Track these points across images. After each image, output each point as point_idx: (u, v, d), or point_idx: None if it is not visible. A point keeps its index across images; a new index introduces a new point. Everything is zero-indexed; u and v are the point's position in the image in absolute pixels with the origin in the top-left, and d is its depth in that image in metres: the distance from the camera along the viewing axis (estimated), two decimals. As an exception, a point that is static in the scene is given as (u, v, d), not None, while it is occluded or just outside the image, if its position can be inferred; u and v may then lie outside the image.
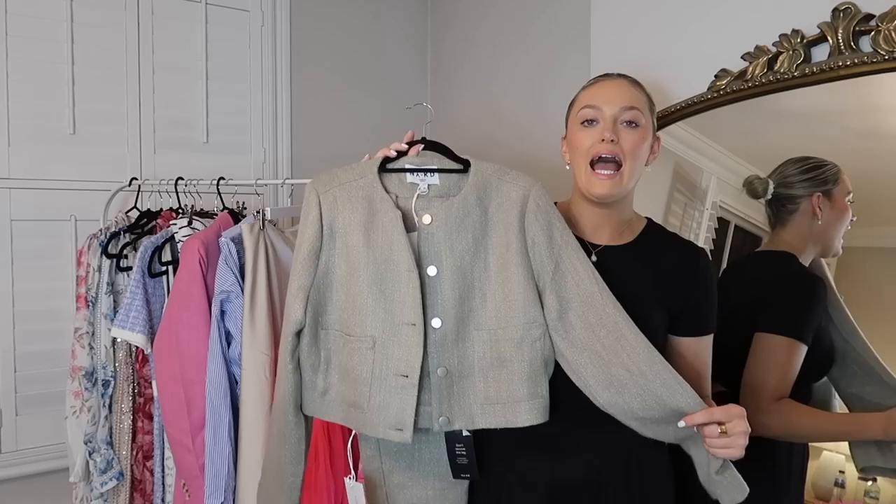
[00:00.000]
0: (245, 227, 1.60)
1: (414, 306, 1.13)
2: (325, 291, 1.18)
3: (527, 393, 1.14)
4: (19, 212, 2.05)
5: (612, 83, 1.22)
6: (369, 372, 1.14)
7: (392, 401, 1.13)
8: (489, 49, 2.49)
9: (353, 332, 1.16)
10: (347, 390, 1.17)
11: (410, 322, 1.13)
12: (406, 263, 1.13)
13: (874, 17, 1.34)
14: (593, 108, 1.19)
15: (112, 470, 1.83)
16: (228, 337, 1.58)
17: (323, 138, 2.56)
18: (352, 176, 1.19)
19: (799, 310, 1.38)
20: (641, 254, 1.25)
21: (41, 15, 2.06)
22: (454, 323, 1.14)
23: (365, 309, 1.15)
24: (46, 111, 2.08)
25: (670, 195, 1.72)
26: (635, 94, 1.21)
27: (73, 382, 1.88)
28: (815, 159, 1.42)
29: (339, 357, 1.18)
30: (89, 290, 1.86)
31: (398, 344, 1.14)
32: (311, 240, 1.17)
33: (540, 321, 1.15)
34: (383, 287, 1.15)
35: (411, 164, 1.19)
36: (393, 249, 1.15)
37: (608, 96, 1.19)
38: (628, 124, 1.18)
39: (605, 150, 1.17)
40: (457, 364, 1.15)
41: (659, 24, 1.77)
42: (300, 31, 2.49)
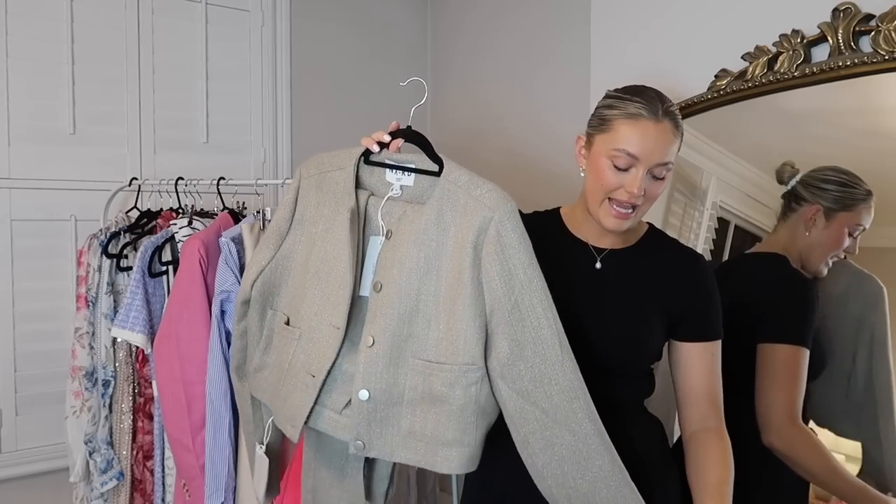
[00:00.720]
0: (245, 227, 1.60)
1: (341, 312, 1.07)
2: (281, 273, 1.19)
3: (451, 438, 1.03)
4: (19, 212, 2.05)
5: (656, 129, 1.12)
6: (287, 362, 1.13)
7: (294, 396, 1.11)
8: (489, 49, 2.49)
9: (292, 322, 1.16)
10: (272, 375, 1.18)
11: (335, 325, 1.08)
12: (345, 269, 1.08)
13: (874, 17, 1.34)
14: (631, 156, 1.13)
15: (112, 470, 1.83)
16: (229, 337, 1.58)
17: (323, 138, 2.55)
18: (334, 165, 1.18)
19: (797, 315, 1.37)
20: (642, 258, 1.26)
21: (41, 15, 2.06)
22: (389, 345, 1.04)
23: (305, 301, 1.14)
24: (46, 111, 2.08)
25: (670, 195, 1.72)
26: (674, 145, 1.15)
27: (73, 382, 1.88)
28: (849, 178, 1.39)
29: (276, 340, 1.18)
30: (89, 289, 1.86)
31: (317, 342, 1.10)
32: (280, 220, 1.18)
33: (479, 364, 1.02)
34: (324, 286, 1.12)
35: (390, 160, 1.15)
36: (340, 251, 1.10)
37: (649, 149, 1.12)
38: (657, 176, 1.16)
39: (628, 200, 1.15)
40: (384, 389, 1.04)
41: (659, 24, 1.77)
42: (300, 31, 2.49)
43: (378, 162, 1.16)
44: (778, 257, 1.45)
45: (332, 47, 2.58)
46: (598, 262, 1.26)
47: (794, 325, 1.36)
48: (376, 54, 2.68)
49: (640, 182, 1.12)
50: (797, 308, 1.38)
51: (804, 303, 1.38)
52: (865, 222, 1.38)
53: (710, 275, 1.26)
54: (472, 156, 2.59)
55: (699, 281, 1.24)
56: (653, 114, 1.13)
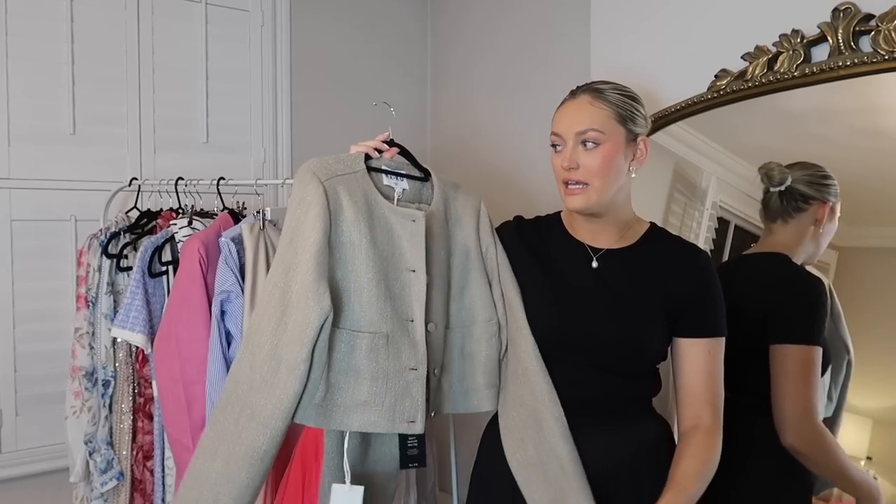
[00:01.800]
0: (245, 227, 1.60)
1: (419, 304, 1.17)
2: (342, 294, 1.15)
3: (484, 383, 1.26)
4: (19, 212, 2.05)
5: (571, 105, 1.23)
6: (384, 367, 1.14)
7: (405, 394, 1.16)
8: (489, 49, 2.49)
9: (364, 329, 1.14)
10: (357, 389, 1.14)
11: (410, 318, 1.17)
12: (412, 263, 1.17)
13: (874, 17, 1.34)
14: (555, 133, 1.23)
15: (112, 470, 1.83)
16: (229, 337, 1.58)
17: (323, 138, 2.56)
18: (344, 167, 1.18)
19: (808, 314, 1.37)
20: (642, 256, 1.26)
21: (41, 15, 2.06)
22: (441, 325, 1.22)
23: (373, 306, 1.14)
24: (46, 111, 2.08)
25: (670, 195, 1.72)
26: (594, 112, 1.20)
27: (73, 382, 1.88)
28: (825, 170, 1.42)
29: (343, 355, 1.14)
30: (89, 290, 1.86)
31: (406, 339, 1.16)
32: (323, 230, 1.10)
33: (495, 319, 1.26)
34: (387, 284, 1.16)
35: (387, 167, 1.23)
36: (395, 248, 1.17)
37: (566, 121, 1.22)
38: (586, 145, 1.20)
39: (567, 177, 1.21)
40: (440, 361, 1.23)
41: (659, 24, 1.77)
42: (300, 31, 2.49)
43: (377, 168, 1.23)
44: (782, 256, 1.44)
45: (331, 47, 2.58)
46: (594, 262, 1.26)
47: (808, 325, 1.36)
48: (376, 54, 2.68)
49: (569, 153, 1.20)
50: (809, 307, 1.37)
51: (816, 301, 1.37)
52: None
53: (711, 270, 1.25)
54: (472, 154, 2.59)
55: (699, 276, 1.23)
56: (571, 95, 1.25)
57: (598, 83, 1.25)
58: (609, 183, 1.21)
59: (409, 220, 1.18)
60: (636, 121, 1.23)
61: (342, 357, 1.14)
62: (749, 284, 1.46)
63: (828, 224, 1.43)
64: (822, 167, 1.43)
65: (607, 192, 1.21)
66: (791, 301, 1.39)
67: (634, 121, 1.23)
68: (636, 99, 1.25)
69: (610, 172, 1.20)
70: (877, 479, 1.38)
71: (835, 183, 1.42)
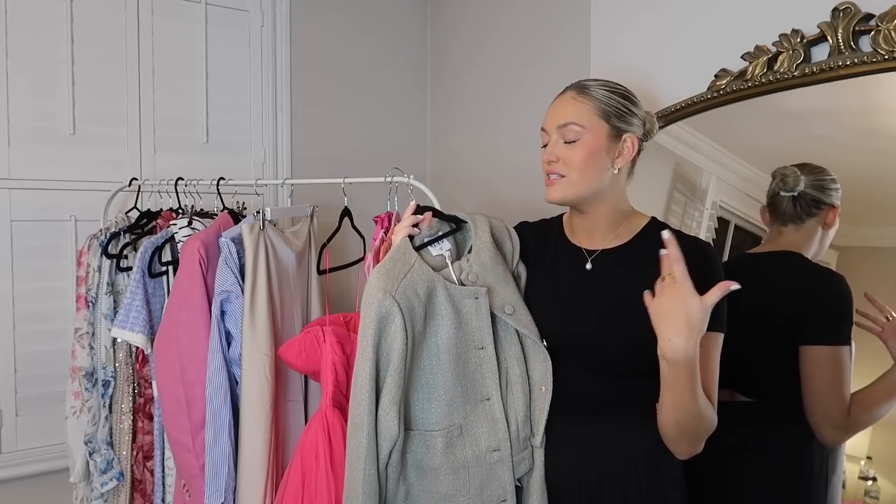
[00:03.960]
0: (245, 228, 1.59)
1: (493, 382, 1.19)
2: (418, 392, 1.16)
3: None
4: (19, 212, 2.05)
5: (558, 101, 1.27)
6: (464, 458, 1.16)
7: (490, 477, 1.18)
8: (489, 47, 2.49)
9: (434, 427, 1.15)
10: (438, 484, 1.16)
11: (487, 397, 1.19)
12: (480, 340, 1.19)
13: (874, 16, 1.33)
14: (542, 130, 1.27)
15: (112, 470, 1.83)
16: (228, 337, 1.58)
17: (323, 138, 2.56)
18: (402, 267, 1.15)
19: (838, 314, 1.37)
20: (639, 253, 1.24)
21: (41, 15, 2.06)
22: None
23: (444, 399, 1.16)
24: (46, 111, 2.08)
25: (670, 195, 1.72)
26: (576, 107, 1.22)
27: (73, 383, 1.88)
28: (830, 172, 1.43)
29: (419, 457, 1.16)
30: (89, 290, 1.86)
31: (484, 421, 1.18)
32: (401, 350, 1.10)
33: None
34: (461, 369, 1.17)
35: (428, 237, 1.22)
36: (464, 328, 1.18)
37: (550, 118, 1.26)
38: (567, 139, 1.22)
39: (547, 170, 1.25)
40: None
41: (659, 24, 1.77)
42: (300, 31, 2.49)
43: (423, 244, 1.22)
44: (798, 256, 1.44)
45: (331, 47, 2.58)
46: (588, 264, 1.26)
47: (839, 325, 1.36)
48: (376, 54, 2.68)
49: (551, 148, 1.24)
50: (839, 307, 1.37)
51: (845, 301, 1.37)
52: None
53: (715, 263, 1.22)
54: (473, 154, 2.58)
55: (705, 269, 1.18)
56: (560, 94, 1.28)
57: (588, 80, 1.27)
58: (588, 177, 1.21)
59: (472, 297, 1.18)
60: (623, 118, 1.23)
61: (419, 457, 1.16)
62: (772, 286, 1.46)
63: (833, 226, 1.45)
64: (827, 170, 1.43)
65: (586, 185, 1.22)
66: (821, 302, 1.40)
67: (621, 117, 1.22)
68: (626, 97, 1.24)
69: (589, 166, 1.21)
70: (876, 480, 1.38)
71: (839, 185, 1.43)
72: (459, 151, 2.66)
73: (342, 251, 1.88)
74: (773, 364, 1.39)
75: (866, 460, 1.40)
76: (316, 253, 1.83)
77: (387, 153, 2.69)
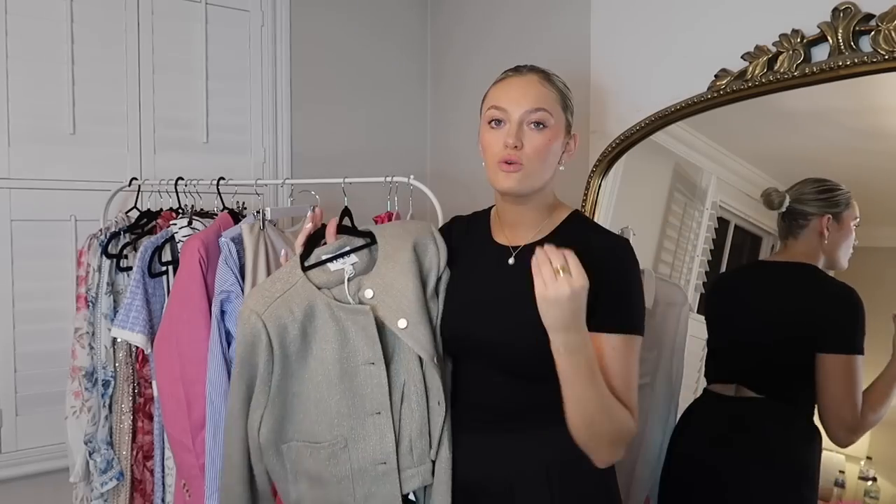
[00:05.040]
0: (245, 227, 1.60)
1: (383, 396, 1.18)
2: (282, 407, 1.21)
3: None
4: (19, 212, 2.05)
5: (520, 81, 1.18)
6: (348, 470, 1.19)
7: (376, 489, 1.19)
8: (489, 48, 2.49)
9: (320, 439, 1.19)
10: (327, 494, 1.21)
11: (377, 411, 1.18)
12: (369, 356, 1.18)
13: (874, 16, 1.33)
14: (499, 108, 1.16)
15: (112, 470, 1.83)
16: (229, 337, 1.58)
17: (323, 138, 2.56)
18: (282, 286, 1.21)
19: (854, 325, 1.41)
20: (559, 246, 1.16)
21: (41, 15, 2.05)
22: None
23: (329, 412, 1.19)
24: (46, 111, 2.08)
25: (670, 195, 1.72)
26: (544, 92, 1.16)
27: (73, 382, 1.88)
28: (831, 183, 1.45)
29: (306, 466, 1.21)
30: (89, 290, 1.86)
31: (368, 436, 1.19)
32: (265, 365, 1.19)
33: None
34: (347, 385, 1.19)
35: (327, 255, 1.22)
36: (350, 345, 1.19)
37: (514, 97, 1.15)
38: (535, 126, 1.15)
39: (507, 156, 1.14)
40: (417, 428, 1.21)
41: (659, 24, 1.77)
42: (300, 31, 2.49)
43: (317, 263, 1.23)
44: (810, 267, 1.48)
45: (332, 47, 2.58)
46: (511, 259, 1.21)
47: (854, 335, 1.41)
48: (376, 54, 2.68)
49: (514, 129, 1.14)
50: (853, 318, 1.41)
51: (858, 312, 1.41)
52: (857, 213, 1.45)
53: (629, 262, 1.16)
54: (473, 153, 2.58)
55: (613, 267, 1.12)
56: (516, 71, 1.20)
57: (537, 66, 1.21)
58: (544, 169, 1.16)
59: (357, 314, 1.19)
60: (572, 112, 1.21)
61: (300, 467, 1.21)
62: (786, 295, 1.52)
63: (834, 234, 1.46)
64: (826, 181, 1.46)
65: (541, 177, 1.17)
66: (836, 314, 1.45)
67: (572, 112, 1.21)
68: (571, 92, 1.23)
69: (548, 157, 1.16)
70: (876, 480, 1.38)
71: (838, 194, 1.44)
72: (459, 151, 2.66)
73: (342, 251, 1.88)
74: (782, 367, 1.45)
75: (866, 460, 1.40)
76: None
77: (387, 153, 2.69)
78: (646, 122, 1.72)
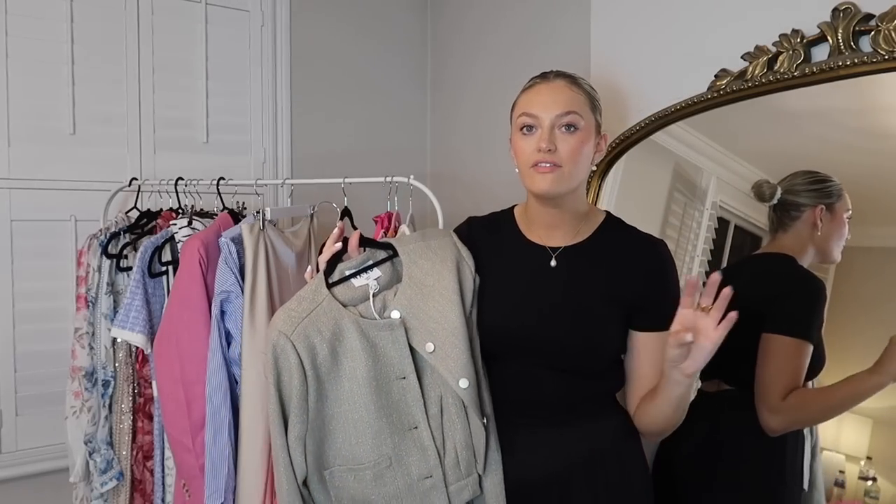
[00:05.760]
0: (245, 228, 1.59)
1: (419, 409, 1.18)
2: (320, 431, 1.18)
3: None
4: (19, 212, 2.05)
5: (549, 87, 1.21)
6: (396, 489, 1.17)
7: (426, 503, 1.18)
8: (489, 50, 2.49)
9: (363, 460, 1.17)
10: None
11: (414, 426, 1.18)
12: (401, 370, 1.18)
13: (874, 16, 1.33)
14: (530, 115, 1.20)
15: (112, 470, 1.83)
16: (228, 337, 1.58)
17: (323, 138, 2.56)
18: (308, 305, 1.18)
19: (806, 310, 1.40)
20: (598, 250, 1.24)
21: (41, 15, 2.05)
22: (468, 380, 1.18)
23: (369, 431, 1.16)
24: (46, 111, 2.08)
25: (670, 195, 1.72)
26: (573, 96, 1.20)
27: (73, 382, 1.88)
28: (822, 174, 1.45)
29: (351, 492, 1.18)
30: (89, 290, 1.86)
31: (414, 449, 1.18)
32: (299, 387, 1.15)
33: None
34: (383, 401, 1.17)
35: (350, 270, 1.21)
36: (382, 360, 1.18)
37: (544, 102, 1.19)
38: (566, 129, 1.18)
39: (542, 158, 1.17)
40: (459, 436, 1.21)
41: (659, 24, 1.77)
42: (300, 31, 2.49)
43: (341, 279, 1.21)
44: (787, 257, 1.48)
45: (332, 47, 2.58)
46: (552, 261, 1.24)
47: (802, 320, 1.39)
48: (376, 54, 2.68)
49: (546, 134, 1.17)
50: (806, 303, 1.41)
51: (814, 299, 1.40)
52: (849, 205, 1.45)
53: (668, 262, 1.24)
54: (473, 153, 2.58)
55: (655, 268, 1.22)
56: (543, 77, 1.24)
57: (565, 71, 1.25)
58: (579, 169, 1.20)
59: (386, 329, 1.18)
60: (601, 113, 1.24)
61: (344, 492, 1.18)
62: (753, 279, 1.50)
63: (828, 225, 1.45)
64: (817, 172, 1.45)
65: (576, 178, 1.20)
66: (791, 296, 1.44)
67: (600, 112, 1.24)
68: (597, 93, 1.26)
69: (581, 159, 1.19)
70: (876, 480, 1.38)
71: (830, 185, 1.44)
72: (459, 151, 2.66)
73: (342, 251, 1.88)
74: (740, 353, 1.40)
75: (866, 460, 1.40)
76: (316, 253, 1.83)
77: (387, 153, 2.69)
78: (646, 122, 1.72)
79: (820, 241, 1.46)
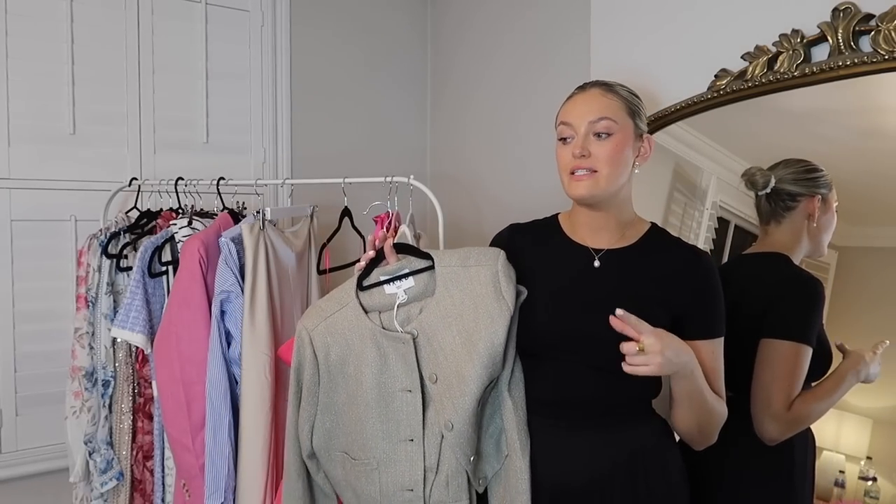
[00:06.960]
0: (245, 228, 1.59)
1: (417, 424, 1.20)
2: (330, 418, 1.26)
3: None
4: (19, 212, 2.05)
5: (583, 97, 1.26)
6: (377, 491, 1.22)
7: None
8: (489, 53, 2.49)
9: (356, 456, 1.24)
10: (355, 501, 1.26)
11: (409, 438, 1.21)
12: (407, 383, 1.21)
13: (874, 16, 1.33)
14: (567, 125, 1.25)
15: (112, 470, 1.83)
16: (228, 337, 1.58)
17: (323, 138, 2.56)
18: (334, 306, 1.26)
19: (804, 313, 1.38)
20: (644, 256, 1.26)
21: (41, 15, 2.06)
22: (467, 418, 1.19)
23: (364, 433, 1.22)
24: (46, 111, 2.08)
25: (670, 195, 1.72)
26: (606, 103, 1.23)
27: (73, 382, 1.88)
28: (812, 163, 1.43)
29: (349, 477, 1.26)
30: (89, 290, 1.86)
31: (397, 461, 1.21)
32: (311, 377, 1.26)
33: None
34: (384, 408, 1.22)
35: (385, 276, 1.25)
36: (389, 370, 1.21)
37: (578, 111, 1.24)
38: (599, 136, 1.21)
39: (577, 165, 1.21)
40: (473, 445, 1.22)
41: (659, 24, 1.77)
42: (300, 31, 2.49)
43: (375, 283, 1.25)
44: (781, 256, 1.45)
45: (332, 47, 2.58)
46: (596, 261, 1.26)
47: (800, 323, 1.37)
48: (376, 55, 2.68)
49: (580, 141, 1.21)
50: (804, 306, 1.39)
51: (811, 301, 1.38)
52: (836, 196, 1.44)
53: (714, 272, 1.26)
54: (473, 154, 2.59)
55: (701, 278, 1.24)
56: (581, 88, 1.28)
57: (602, 80, 1.28)
58: (617, 173, 1.22)
59: (398, 342, 1.21)
60: (642, 117, 1.26)
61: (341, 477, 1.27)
62: (748, 282, 1.47)
63: (822, 216, 1.44)
64: (807, 161, 1.44)
65: (614, 182, 1.22)
66: (788, 299, 1.41)
67: (641, 117, 1.26)
68: (639, 98, 1.28)
69: (619, 163, 1.22)
70: (876, 480, 1.38)
71: (822, 175, 1.43)
72: (459, 152, 2.66)
73: (342, 251, 1.89)
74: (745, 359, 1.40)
75: (866, 460, 1.40)
76: (316, 253, 1.84)
77: (387, 153, 2.69)
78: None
79: (815, 232, 1.45)
